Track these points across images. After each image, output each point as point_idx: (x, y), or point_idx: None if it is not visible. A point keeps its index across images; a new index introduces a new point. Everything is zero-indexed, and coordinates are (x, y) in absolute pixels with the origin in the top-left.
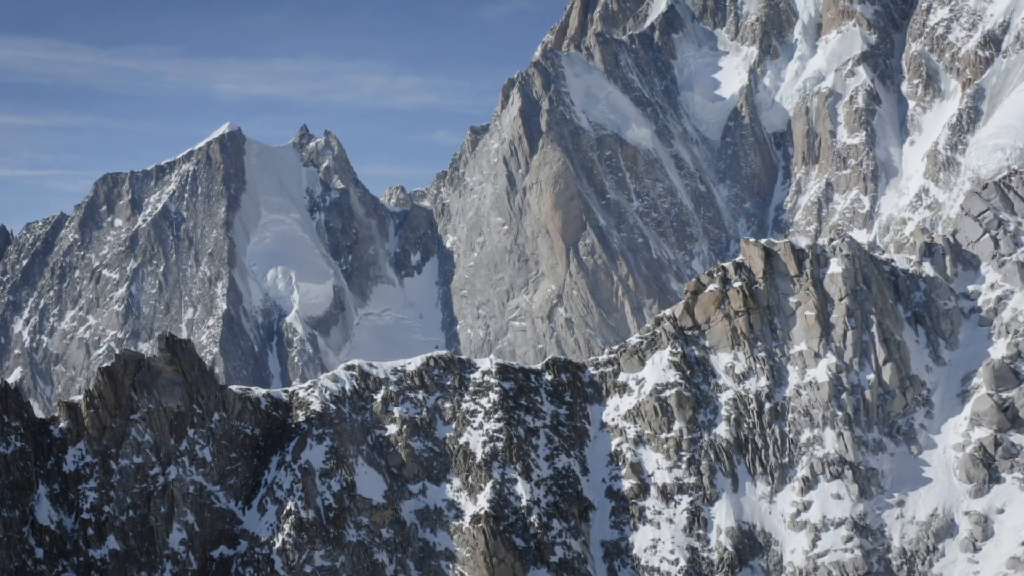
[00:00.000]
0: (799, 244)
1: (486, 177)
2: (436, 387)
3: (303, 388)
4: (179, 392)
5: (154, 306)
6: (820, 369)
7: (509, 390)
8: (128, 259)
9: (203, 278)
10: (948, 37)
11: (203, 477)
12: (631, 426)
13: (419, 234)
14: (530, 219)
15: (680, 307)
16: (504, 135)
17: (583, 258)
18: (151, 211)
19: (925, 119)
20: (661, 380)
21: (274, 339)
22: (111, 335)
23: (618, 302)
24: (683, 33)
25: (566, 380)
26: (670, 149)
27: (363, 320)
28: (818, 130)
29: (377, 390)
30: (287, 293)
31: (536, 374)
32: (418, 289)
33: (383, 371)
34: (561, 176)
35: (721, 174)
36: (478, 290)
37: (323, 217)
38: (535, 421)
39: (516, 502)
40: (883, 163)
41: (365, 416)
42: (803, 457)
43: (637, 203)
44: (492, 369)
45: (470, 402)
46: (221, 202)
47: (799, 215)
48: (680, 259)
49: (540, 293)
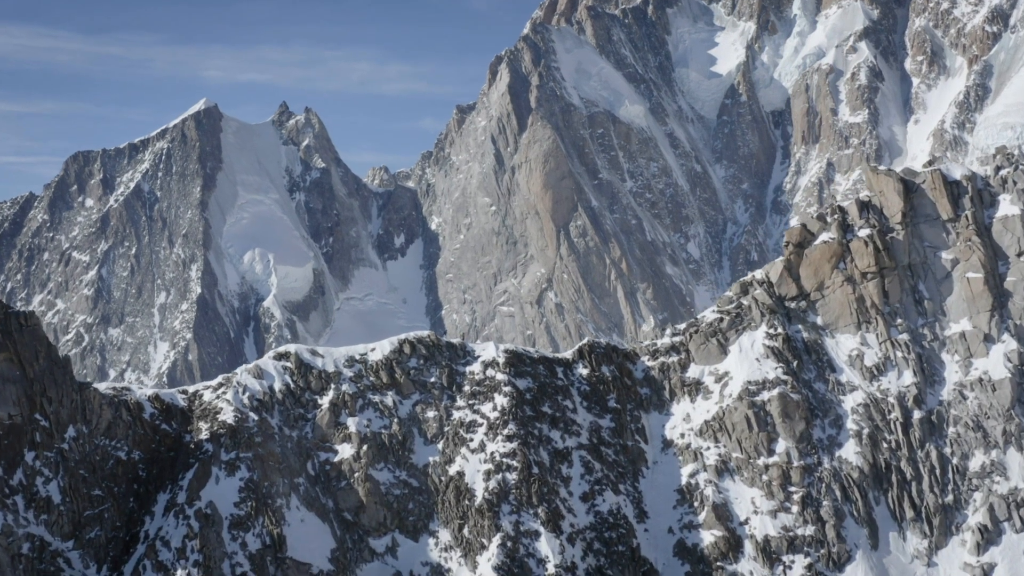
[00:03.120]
0: (952, 174)
1: (473, 156)
2: (414, 386)
3: (210, 388)
4: (12, 393)
5: (125, 290)
6: (994, 359)
7: (525, 391)
8: (99, 241)
9: (177, 260)
10: (953, 12)
11: (46, 528)
12: (711, 446)
13: (403, 215)
14: (519, 199)
15: (778, 266)
16: (492, 112)
17: (574, 240)
18: (123, 191)
19: (930, 97)
20: (754, 376)
21: (251, 325)
22: (80, 320)
23: (611, 286)
24: (678, 7)
25: (609, 375)
26: (664, 127)
27: (344, 305)
28: (818, 108)
29: (323, 390)
30: (265, 276)
31: (565, 366)
32: (402, 273)
33: (333, 361)
34: (551, 155)
35: (717, 154)
36: (464, 274)
37: (303, 197)
38: (565, 439)
39: (539, 568)
40: (887, 142)
41: (303, 432)
42: (976, 494)
43: (630, 183)
44: (499, 359)
45: (466, 410)
46: (196, 181)
47: (799, 196)
48: (675, 242)
49: (529, 277)
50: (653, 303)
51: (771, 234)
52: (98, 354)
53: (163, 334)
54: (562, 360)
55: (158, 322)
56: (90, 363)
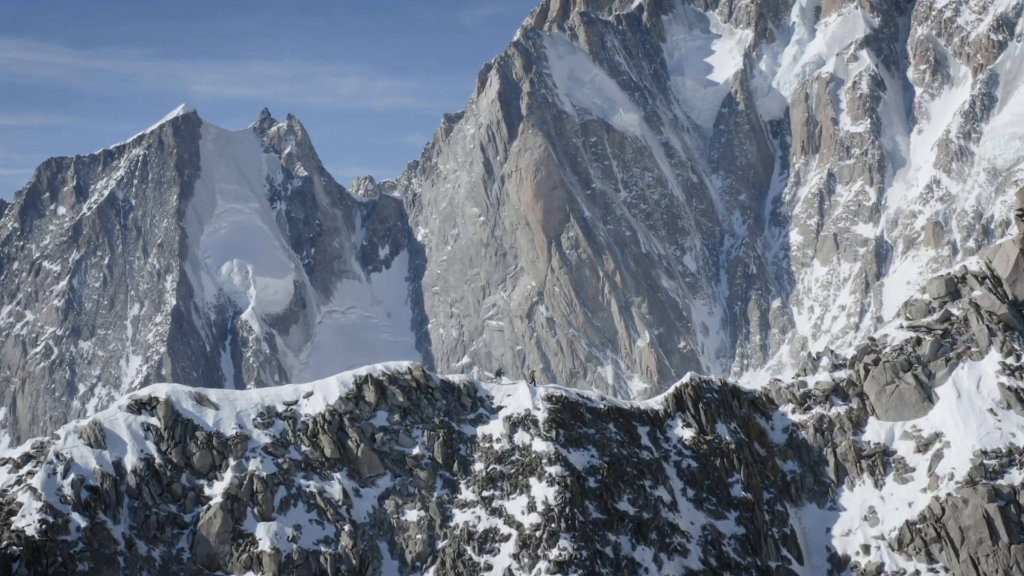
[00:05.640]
0: None
1: (461, 165)
2: (382, 462)
3: (9, 463)
4: None
5: (97, 301)
6: None
7: (587, 473)
8: (71, 250)
9: (151, 271)
10: (957, 21)
11: None
12: (920, 570)
13: (388, 226)
14: (509, 210)
15: (1009, 252)
16: (481, 120)
17: (566, 252)
18: (97, 198)
19: (934, 106)
20: (990, 441)
21: (228, 338)
22: (50, 332)
23: (604, 300)
24: (672, 14)
25: (731, 440)
26: (660, 136)
27: (326, 318)
28: (818, 118)
29: (215, 470)
30: (243, 288)
31: (652, 423)
32: (386, 285)
33: (236, 415)
34: (543, 163)
35: (714, 164)
36: (451, 286)
37: (284, 207)
38: (661, 562)
39: None
40: (889, 152)
41: (174, 549)
42: None
43: (624, 193)
44: (537, 411)
45: (480, 508)
46: (173, 189)
47: (799, 208)
48: (671, 254)
49: (519, 290)
50: (648, 317)
51: (770, 246)
52: (68, 368)
53: (136, 347)
54: (647, 413)
55: (131, 335)
56: (59, 377)
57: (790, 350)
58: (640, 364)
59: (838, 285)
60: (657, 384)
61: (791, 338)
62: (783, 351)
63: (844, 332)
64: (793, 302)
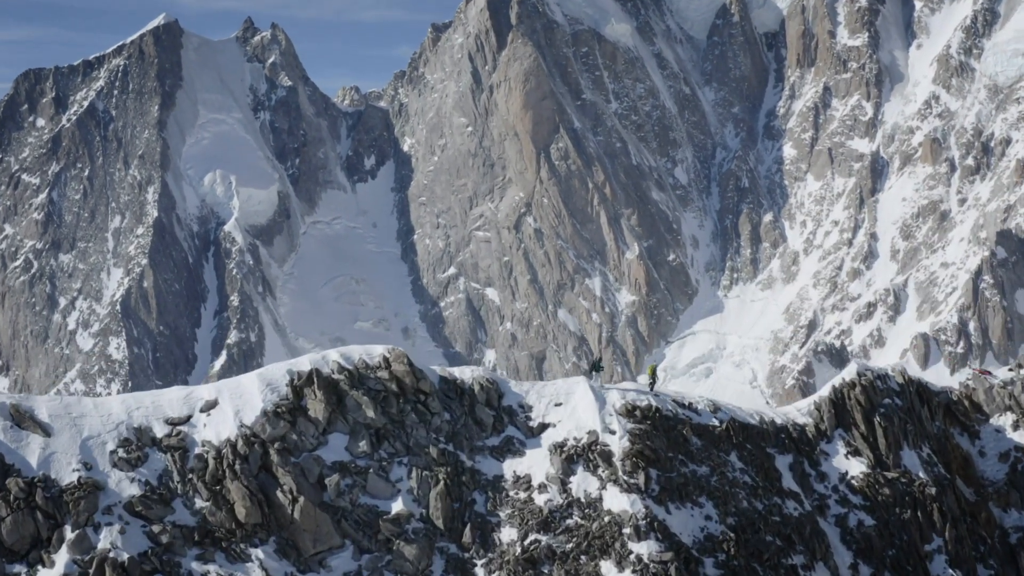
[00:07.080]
0: None
1: (449, 75)
2: (338, 531)
3: None
4: None
5: (77, 214)
6: None
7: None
8: (50, 162)
9: (132, 183)
10: None
11: None
12: None
13: (374, 136)
14: (497, 120)
15: None
16: (469, 29)
17: (555, 163)
18: (76, 110)
19: (933, 21)
20: None
21: (211, 250)
22: (29, 245)
23: (593, 212)
24: None
25: (931, 486)
26: (652, 47)
27: (311, 229)
28: (815, 30)
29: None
30: (226, 199)
31: (800, 451)
32: (372, 195)
33: (82, 442)
34: (532, 73)
35: (707, 76)
36: (438, 197)
37: (268, 117)
38: None
39: None
40: (887, 67)
41: None
42: None
43: (615, 105)
44: (615, 431)
45: None
46: (154, 100)
47: (793, 121)
48: (662, 166)
49: (507, 201)
50: (638, 230)
51: (763, 160)
52: (48, 281)
53: (117, 260)
54: (789, 432)
55: (112, 247)
56: (39, 291)
57: (781, 264)
58: (629, 276)
59: (831, 200)
60: (645, 297)
61: (782, 252)
62: (774, 265)
63: (836, 248)
64: (785, 216)
